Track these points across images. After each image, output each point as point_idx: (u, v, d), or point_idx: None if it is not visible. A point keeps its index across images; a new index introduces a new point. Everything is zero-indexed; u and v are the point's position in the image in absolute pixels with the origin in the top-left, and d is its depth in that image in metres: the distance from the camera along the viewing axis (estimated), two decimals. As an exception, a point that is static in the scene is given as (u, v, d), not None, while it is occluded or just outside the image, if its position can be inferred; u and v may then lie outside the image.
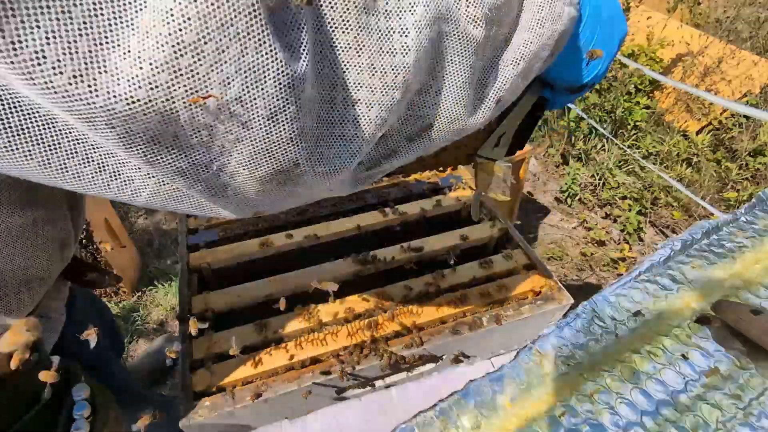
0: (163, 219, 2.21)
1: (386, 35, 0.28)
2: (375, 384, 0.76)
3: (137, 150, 0.24)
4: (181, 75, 0.21)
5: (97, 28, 0.20)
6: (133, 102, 0.21)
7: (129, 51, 0.20)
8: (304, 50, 0.25)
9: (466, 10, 0.31)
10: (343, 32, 0.27)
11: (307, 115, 0.27)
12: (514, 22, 0.35)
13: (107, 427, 0.56)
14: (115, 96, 0.21)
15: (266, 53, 0.23)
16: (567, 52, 0.40)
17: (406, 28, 0.28)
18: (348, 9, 0.26)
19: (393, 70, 0.29)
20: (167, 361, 0.63)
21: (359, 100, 0.29)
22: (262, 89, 0.24)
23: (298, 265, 0.81)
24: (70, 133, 0.25)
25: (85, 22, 0.20)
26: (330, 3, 0.26)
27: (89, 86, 0.21)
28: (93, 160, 0.26)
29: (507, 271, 0.82)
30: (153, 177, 0.28)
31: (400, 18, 0.28)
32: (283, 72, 0.24)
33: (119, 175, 0.28)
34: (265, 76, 0.23)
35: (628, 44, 2.60)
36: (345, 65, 0.28)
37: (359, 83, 0.29)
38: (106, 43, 0.20)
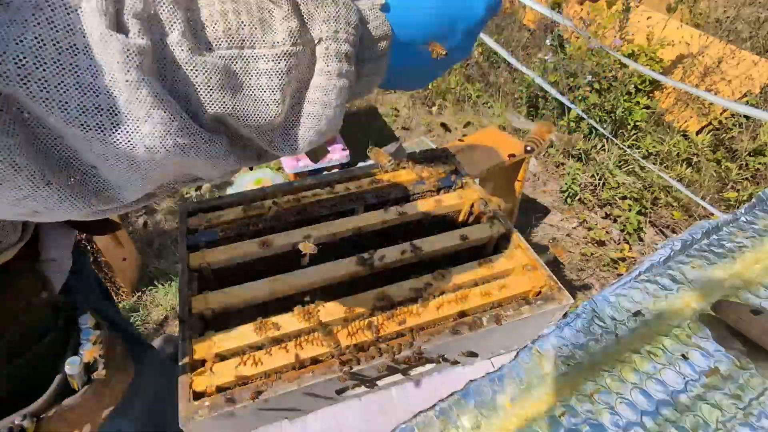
0: (163, 219, 2.21)
1: (126, 135, 0.29)
2: (375, 384, 0.76)
3: None
4: None
5: None
6: None
7: None
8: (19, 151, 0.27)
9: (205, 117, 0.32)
10: (74, 131, 0.28)
11: (49, 188, 0.28)
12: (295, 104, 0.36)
13: (113, 357, 0.63)
14: None
15: None
16: (399, 72, 0.42)
17: (142, 137, 0.29)
18: (69, 112, 0.27)
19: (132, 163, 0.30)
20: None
21: (105, 170, 0.31)
22: None
23: (298, 265, 0.81)
24: None
25: None
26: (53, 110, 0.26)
27: None
28: None
29: (507, 271, 0.82)
30: None
31: (136, 123, 0.28)
32: None
33: None
34: None
35: (628, 44, 2.61)
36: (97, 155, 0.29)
37: (102, 163, 0.30)
38: None
